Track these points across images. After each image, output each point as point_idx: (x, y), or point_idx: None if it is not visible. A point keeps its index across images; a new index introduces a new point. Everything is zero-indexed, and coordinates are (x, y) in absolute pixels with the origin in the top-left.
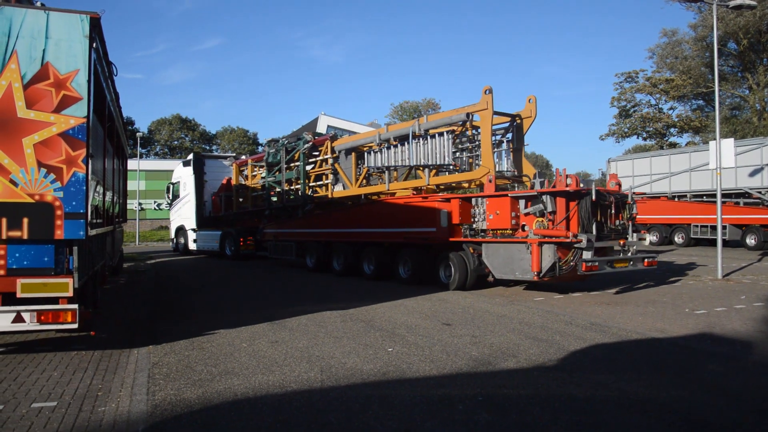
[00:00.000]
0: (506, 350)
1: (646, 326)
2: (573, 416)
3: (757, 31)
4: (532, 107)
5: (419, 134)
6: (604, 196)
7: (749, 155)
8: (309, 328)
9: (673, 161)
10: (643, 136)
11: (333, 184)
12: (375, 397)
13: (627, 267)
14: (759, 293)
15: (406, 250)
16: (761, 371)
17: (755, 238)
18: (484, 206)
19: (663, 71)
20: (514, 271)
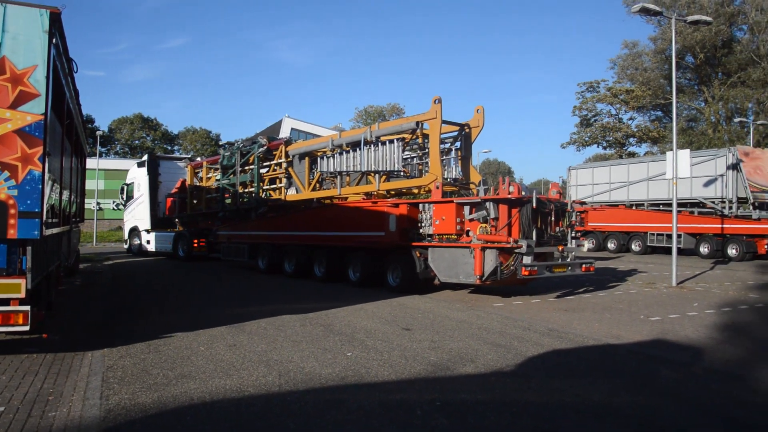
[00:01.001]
0: (465, 355)
1: (603, 332)
2: (530, 421)
3: (713, 46)
4: (480, 117)
5: (371, 141)
6: (545, 204)
7: (704, 166)
8: (268, 331)
9: (632, 170)
10: (603, 145)
11: (286, 187)
12: (333, 401)
13: (565, 272)
14: (711, 301)
15: (356, 253)
16: (712, 377)
17: (708, 247)
18: (431, 212)
19: (623, 82)
20: (458, 275)
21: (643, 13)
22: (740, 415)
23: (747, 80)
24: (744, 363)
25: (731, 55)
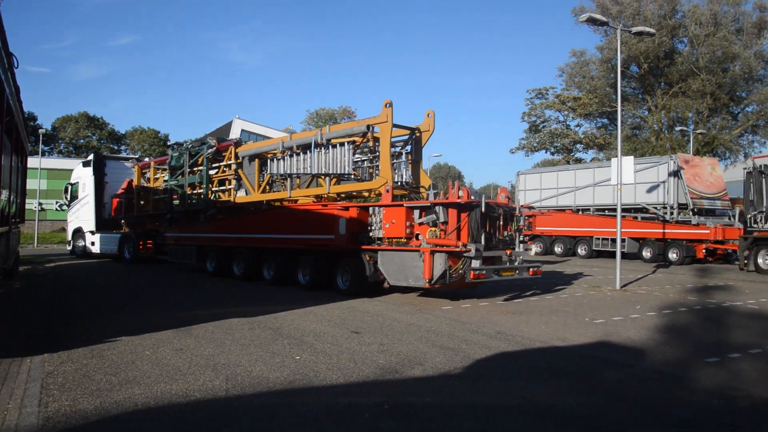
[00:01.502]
0: (413, 358)
1: (549, 335)
2: (476, 423)
3: (656, 57)
4: (430, 121)
5: (321, 143)
6: (493, 209)
7: (647, 173)
8: (215, 335)
9: (578, 176)
10: (551, 151)
11: (236, 189)
12: (281, 405)
13: (513, 276)
14: (652, 303)
15: (305, 256)
16: (652, 377)
17: (651, 251)
18: (380, 215)
19: (571, 89)
20: (407, 278)
21: (590, 23)
22: (678, 413)
23: (687, 91)
24: (682, 363)
25: (673, 66)
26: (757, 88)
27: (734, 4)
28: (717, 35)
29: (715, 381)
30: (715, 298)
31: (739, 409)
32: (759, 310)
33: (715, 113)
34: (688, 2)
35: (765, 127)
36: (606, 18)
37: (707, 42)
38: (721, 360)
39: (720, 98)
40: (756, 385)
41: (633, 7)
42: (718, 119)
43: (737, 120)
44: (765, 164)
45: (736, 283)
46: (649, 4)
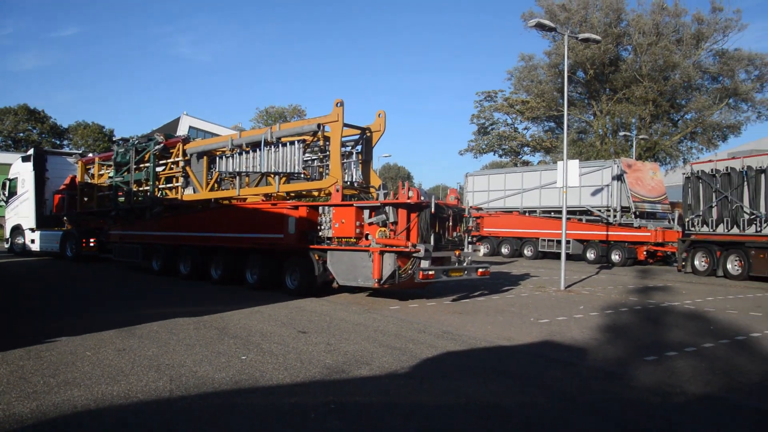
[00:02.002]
0: (360, 358)
1: (495, 335)
2: (422, 422)
3: (602, 64)
4: (381, 121)
5: (271, 142)
6: (443, 209)
7: (592, 176)
8: (160, 335)
9: (526, 178)
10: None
11: (183, 187)
12: (226, 406)
13: (462, 276)
14: (595, 304)
15: (254, 255)
16: (594, 375)
17: (594, 253)
18: (330, 215)
19: (520, 93)
20: (356, 278)
21: (539, 28)
22: (617, 409)
23: (631, 97)
24: (623, 362)
25: (617, 72)
26: (696, 96)
27: (675, 16)
28: (659, 44)
29: (654, 378)
30: (655, 299)
31: (675, 404)
32: (695, 310)
33: (656, 119)
34: (633, 12)
35: (703, 134)
36: (554, 24)
37: (650, 51)
38: (659, 358)
39: (661, 105)
40: (690, 381)
41: (580, 15)
42: (660, 125)
43: (677, 126)
44: (702, 170)
45: (674, 284)
46: (596, 12)
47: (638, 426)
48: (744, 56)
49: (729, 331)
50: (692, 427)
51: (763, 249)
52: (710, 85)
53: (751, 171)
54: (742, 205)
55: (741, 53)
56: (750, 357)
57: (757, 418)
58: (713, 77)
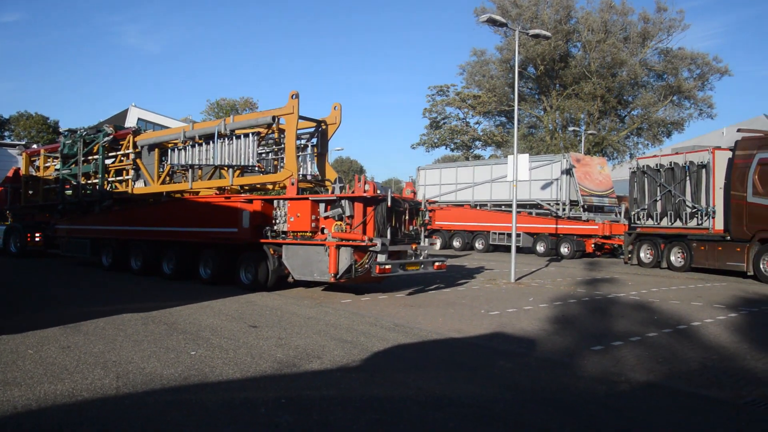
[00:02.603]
0: (311, 352)
1: (446, 327)
2: (374, 415)
3: (552, 60)
4: (337, 114)
5: (225, 134)
6: (399, 203)
7: (542, 170)
8: (106, 331)
9: (477, 172)
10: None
11: (134, 180)
12: (175, 402)
13: (418, 270)
14: (544, 295)
15: (207, 250)
16: (542, 366)
17: (544, 246)
18: (285, 208)
19: (471, 88)
20: (312, 273)
21: (490, 24)
22: (565, 398)
23: (580, 93)
24: (571, 352)
25: (567, 69)
26: (642, 93)
27: (622, 14)
28: (607, 42)
29: (600, 367)
30: (602, 290)
31: (620, 392)
32: (640, 300)
33: (604, 115)
34: (582, 9)
35: (648, 130)
36: (505, 20)
37: (598, 48)
38: (606, 348)
39: (609, 101)
40: (634, 370)
41: (531, 11)
42: (607, 121)
43: (624, 122)
44: (647, 165)
45: (620, 276)
46: (546, 9)
47: (585, 414)
48: (687, 55)
49: (671, 321)
50: (636, 413)
51: (704, 241)
52: (655, 82)
53: (693, 166)
54: (685, 199)
55: (684, 52)
56: (690, 345)
57: (696, 403)
58: (658, 75)
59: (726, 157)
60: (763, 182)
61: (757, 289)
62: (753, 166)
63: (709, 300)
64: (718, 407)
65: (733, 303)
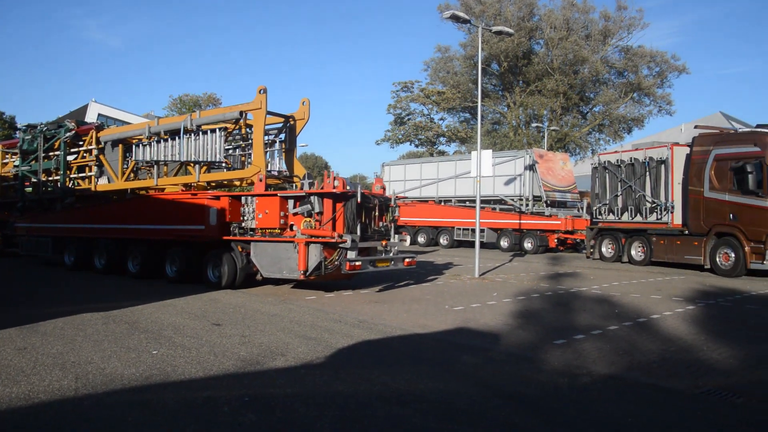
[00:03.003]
0: (275, 349)
1: (410, 322)
2: (338, 411)
3: (515, 56)
4: (305, 109)
5: (191, 129)
6: (369, 199)
7: (505, 166)
8: (65, 331)
9: (441, 168)
10: (416, 143)
11: (97, 176)
12: (136, 403)
13: (389, 266)
14: (508, 290)
15: (174, 247)
16: (506, 360)
17: (508, 241)
18: (253, 205)
19: (436, 84)
20: (281, 270)
21: (454, 20)
22: (527, 392)
23: (543, 89)
24: (534, 346)
25: (530, 65)
26: (603, 90)
27: (584, 12)
28: (569, 39)
29: (562, 361)
30: (565, 285)
31: (582, 385)
32: (602, 294)
33: (567, 112)
34: (545, 7)
35: (610, 126)
36: (469, 16)
37: (560, 45)
38: (568, 342)
39: (571, 98)
40: (596, 363)
41: (495, 8)
42: (570, 117)
43: (586, 119)
44: (609, 160)
45: (583, 270)
46: (510, 6)
47: (548, 407)
48: (646, 53)
49: (632, 314)
50: (596, 405)
51: (663, 236)
52: (616, 79)
53: (653, 162)
54: (645, 194)
55: (644, 50)
56: (650, 337)
57: (655, 394)
58: (619, 72)
59: (684, 153)
60: (719, 178)
61: (713, 282)
62: (709, 162)
63: (668, 293)
64: (675, 397)
65: (691, 296)
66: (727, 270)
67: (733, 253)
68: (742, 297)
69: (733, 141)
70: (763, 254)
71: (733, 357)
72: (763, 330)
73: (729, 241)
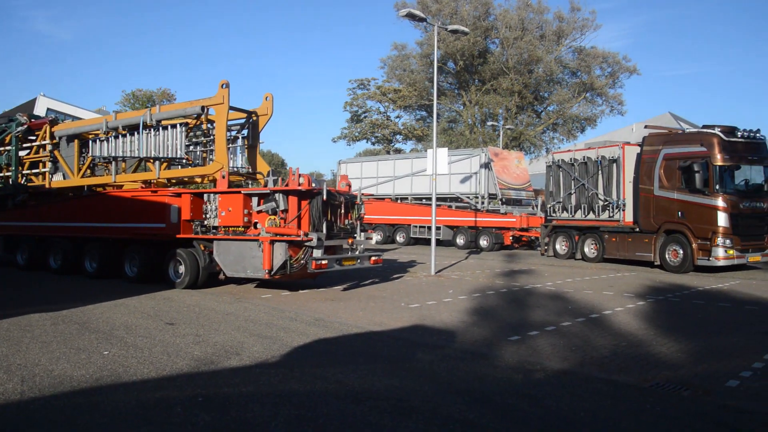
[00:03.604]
0: (230, 348)
1: (366, 320)
2: (293, 410)
3: (471, 55)
4: (268, 105)
5: (151, 124)
6: (335, 196)
7: (461, 164)
8: (11, 333)
9: (398, 166)
10: (372, 141)
11: (52, 173)
12: (85, 405)
13: (355, 265)
14: (464, 287)
15: (133, 246)
16: (461, 357)
17: (464, 238)
18: (216, 202)
19: (392, 82)
20: (245, 269)
21: (410, 18)
22: (482, 388)
23: (498, 88)
24: (488, 342)
25: (486, 64)
26: (557, 89)
27: (538, 12)
28: (524, 39)
29: (517, 357)
30: (519, 282)
31: (536, 380)
32: (556, 291)
33: (522, 111)
34: (500, 7)
35: (563, 126)
36: (425, 15)
37: (516, 45)
38: (522, 338)
39: (526, 97)
40: (549, 358)
41: (451, 7)
42: (525, 116)
43: (540, 118)
44: (562, 159)
45: (537, 267)
46: (466, 5)
47: (503, 403)
48: (599, 54)
49: (585, 310)
50: (550, 400)
51: (615, 233)
52: (570, 79)
53: (605, 160)
54: (597, 193)
55: (596, 51)
56: (602, 333)
57: (607, 388)
58: (572, 72)
59: (635, 152)
60: (668, 176)
61: (663, 278)
62: (659, 161)
63: (620, 289)
64: (626, 391)
65: (642, 292)
66: (676, 266)
67: (681, 250)
68: (689, 292)
69: (681, 141)
70: (710, 251)
71: (680, 351)
72: (709, 324)
73: (678, 238)
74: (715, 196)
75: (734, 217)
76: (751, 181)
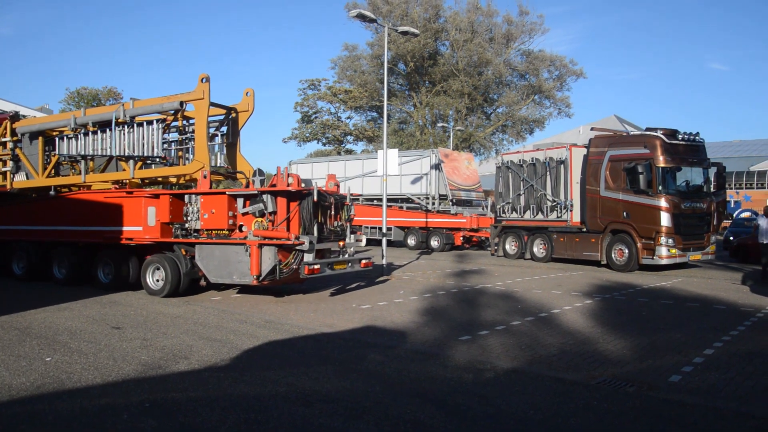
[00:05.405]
0: (178, 352)
1: (317, 322)
2: (242, 414)
3: (422, 57)
4: (249, 101)
5: (124, 121)
6: (325, 197)
7: (412, 165)
8: None
9: (348, 166)
10: (323, 142)
11: (13, 172)
12: (25, 414)
13: (346, 268)
14: (415, 288)
15: (107, 251)
16: (412, 357)
17: (415, 239)
18: (198, 204)
19: (343, 82)
20: (231, 275)
21: (361, 19)
22: (433, 388)
23: (448, 90)
24: (439, 343)
25: (436, 66)
26: (506, 92)
27: (488, 15)
28: (474, 42)
29: (467, 356)
30: (470, 282)
31: (486, 380)
32: (506, 290)
33: (472, 112)
34: (450, 9)
35: (513, 127)
36: (376, 16)
37: (465, 47)
38: (473, 337)
39: (476, 99)
40: (500, 357)
41: (401, 8)
42: (474, 118)
43: (490, 119)
44: (512, 160)
45: (488, 267)
46: (416, 7)
47: (453, 402)
48: (546, 57)
49: (534, 309)
50: (501, 399)
51: (563, 233)
52: (519, 82)
53: (553, 162)
54: (546, 193)
55: (544, 54)
56: (550, 331)
57: (555, 385)
58: (521, 75)
59: (582, 153)
60: (614, 178)
61: (609, 277)
62: (605, 163)
63: (568, 288)
64: (574, 388)
65: (589, 290)
66: (622, 265)
67: (626, 249)
68: (634, 290)
69: (625, 143)
70: (654, 250)
71: (626, 348)
72: (653, 321)
73: (623, 237)
74: (658, 196)
75: (676, 217)
76: (692, 182)
